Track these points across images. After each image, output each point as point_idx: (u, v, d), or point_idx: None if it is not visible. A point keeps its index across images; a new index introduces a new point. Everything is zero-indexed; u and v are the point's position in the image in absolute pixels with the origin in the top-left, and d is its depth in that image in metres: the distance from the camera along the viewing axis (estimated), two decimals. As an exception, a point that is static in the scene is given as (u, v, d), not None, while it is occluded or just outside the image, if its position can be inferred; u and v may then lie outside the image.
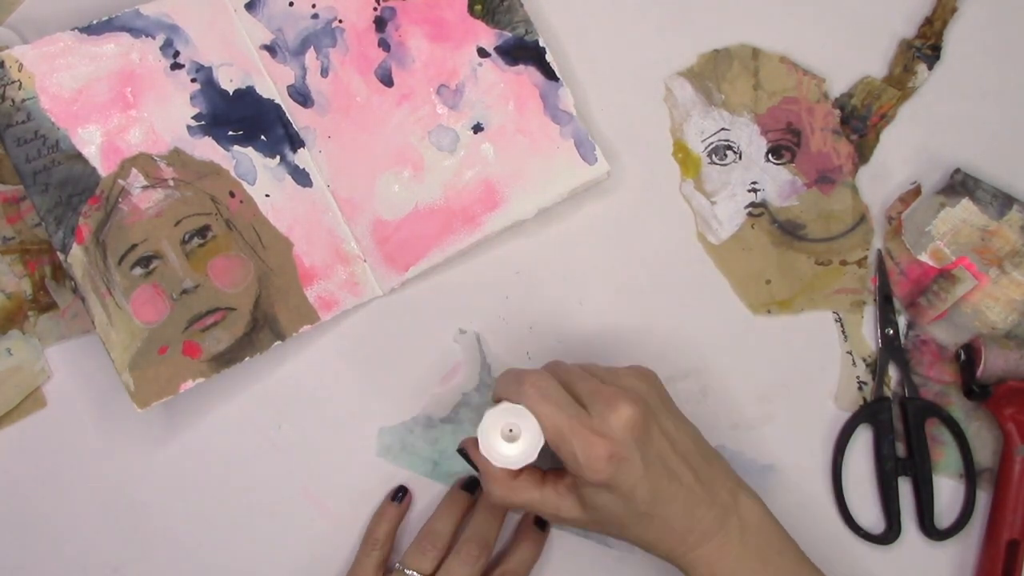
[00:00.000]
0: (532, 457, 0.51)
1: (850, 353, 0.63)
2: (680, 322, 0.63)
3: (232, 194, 0.60)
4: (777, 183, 0.64)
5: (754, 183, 0.64)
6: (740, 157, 0.64)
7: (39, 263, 0.62)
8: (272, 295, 0.60)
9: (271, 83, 0.61)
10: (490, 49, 0.62)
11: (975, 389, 0.61)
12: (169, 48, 0.60)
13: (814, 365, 0.63)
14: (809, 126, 0.64)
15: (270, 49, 0.61)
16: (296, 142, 0.61)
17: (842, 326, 0.63)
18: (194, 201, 0.60)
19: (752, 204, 0.64)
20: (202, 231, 0.59)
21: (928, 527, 0.61)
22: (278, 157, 0.61)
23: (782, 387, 0.63)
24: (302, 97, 0.61)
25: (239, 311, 0.59)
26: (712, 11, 0.64)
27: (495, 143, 0.62)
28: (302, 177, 0.61)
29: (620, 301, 0.63)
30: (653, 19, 0.65)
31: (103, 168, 0.59)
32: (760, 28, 0.64)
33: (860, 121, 0.64)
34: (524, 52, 0.62)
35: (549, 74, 0.62)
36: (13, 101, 0.58)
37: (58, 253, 0.58)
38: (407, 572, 0.57)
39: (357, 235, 0.61)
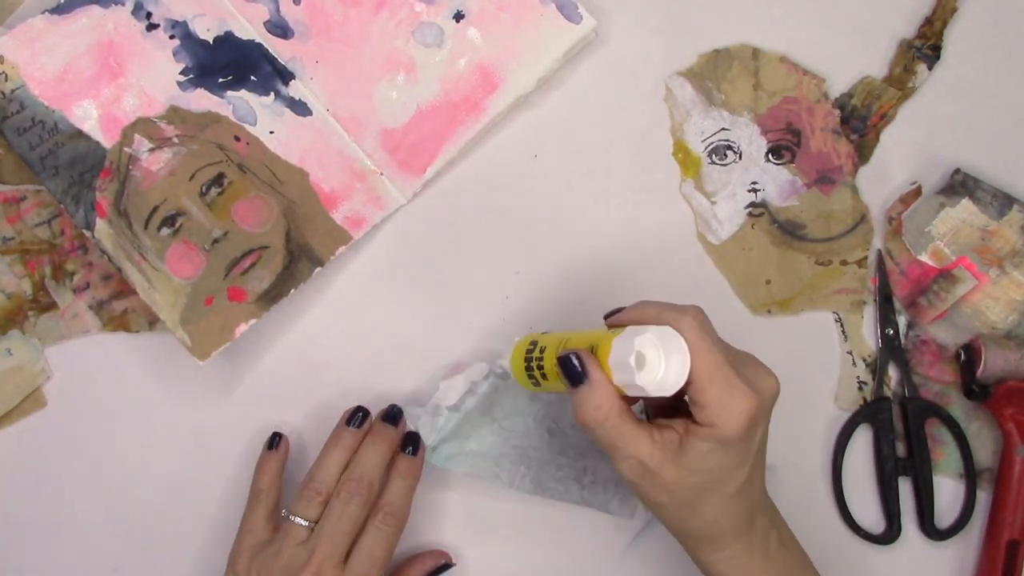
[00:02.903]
0: (677, 387, 0.46)
1: (850, 353, 0.63)
2: (680, 322, 0.63)
3: (237, 138, 0.61)
4: (777, 183, 0.64)
5: (754, 183, 0.64)
6: (740, 157, 0.64)
7: (39, 263, 0.62)
8: (301, 225, 0.61)
9: (247, 24, 0.62)
10: None
11: (975, 389, 0.61)
12: (140, 11, 0.61)
13: (814, 365, 0.63)
14: (809, 126, 0.64)
15: None
16: (286, 75, 0.62)
17: (842, 326, 0.63)
18: (202, 153, 0.60)
19: (752, 204, 0.64)
20: (217, 179, 0.60)
21: (928, 527, 0.61)
22: (272, 93, 0.62)
23: (782, 387, 0.62)
24: (281, 30, 0.62)
25: (273, 247, 0.60)
26: (712, 11, 0.64)
27: (479, 26, 0.62)
28: (300, 108, 0.62)
29: (620, 301, 0.63)
30: (653, 19, 0.64)
31: (106, 140, 0.60)
32: (760, 28, 0.64)
33: (860, 121, 0.64)
34: None
35: None
36: (3, 93, 0.59)
37: (84, 231, 0.59)
38: (292, 519, 0.55)
39: (367, 150, 0.62)
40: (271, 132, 0.62)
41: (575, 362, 0.48)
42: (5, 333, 0.61)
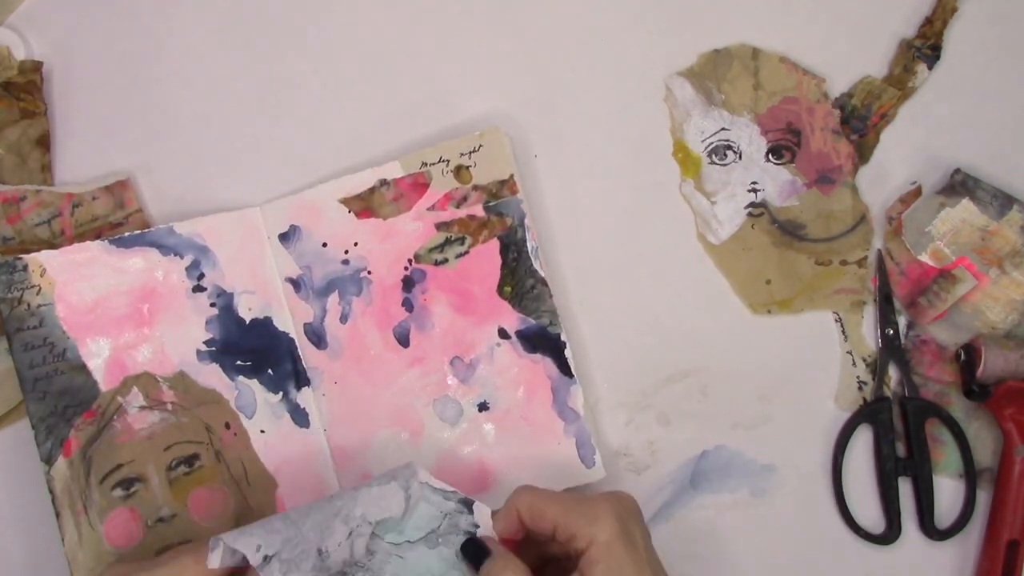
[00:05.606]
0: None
1: (850, 353, 0.63)
2: (680, 322, 0.63)
3: (227, 425, 0.59)
4: (777, 183, 0.64)
5: (754, 183, 0.64)
6: (740, 157, 0.64)
7: (39, 263, 0.62)
8: None
9: (289, 317, 0.61)
10: (511, 332, 0.60)
11: (975, 389, 0.61)
12: (195, 269, 0.60)
13: (814, 365, 0.63)
14: (809, 126, 0.64)
15: (295, 283, 0.61)
16: (302, 380, 0.61)
17: (842, 326, 0.63)
18: (188, 428, 0.59)
19: (752, 204, 0.64)
20: (190, 459, 0.59)
21: (928, 527, 0.61)
22: (281, 393, 0.60)
23: (782, 387, 0.63)
24: (317, 337, 0.61)
25: None
26: (712, 11, 0.64)
27: (498, 425, 0.60)
28: (301, 417, 0.60)
29: (620, 301, 0.63)
30: (653, 19, 0.65)
31: (104, 383, 0.59)
32: (760, 28, 0.64)
33: (860, 121, 0.64)
34: (544, 342, 0.60)
35: (565, 369, 0.60)
36: (29, 305, 0.58)
37: (41, 463, 0.57)
38: None
39: (344, 486, 0.60)
40: (262, 431, 0.60)
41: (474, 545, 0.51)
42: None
